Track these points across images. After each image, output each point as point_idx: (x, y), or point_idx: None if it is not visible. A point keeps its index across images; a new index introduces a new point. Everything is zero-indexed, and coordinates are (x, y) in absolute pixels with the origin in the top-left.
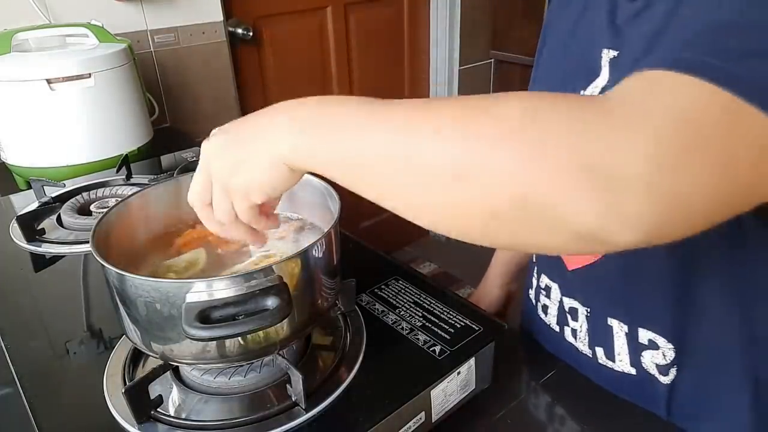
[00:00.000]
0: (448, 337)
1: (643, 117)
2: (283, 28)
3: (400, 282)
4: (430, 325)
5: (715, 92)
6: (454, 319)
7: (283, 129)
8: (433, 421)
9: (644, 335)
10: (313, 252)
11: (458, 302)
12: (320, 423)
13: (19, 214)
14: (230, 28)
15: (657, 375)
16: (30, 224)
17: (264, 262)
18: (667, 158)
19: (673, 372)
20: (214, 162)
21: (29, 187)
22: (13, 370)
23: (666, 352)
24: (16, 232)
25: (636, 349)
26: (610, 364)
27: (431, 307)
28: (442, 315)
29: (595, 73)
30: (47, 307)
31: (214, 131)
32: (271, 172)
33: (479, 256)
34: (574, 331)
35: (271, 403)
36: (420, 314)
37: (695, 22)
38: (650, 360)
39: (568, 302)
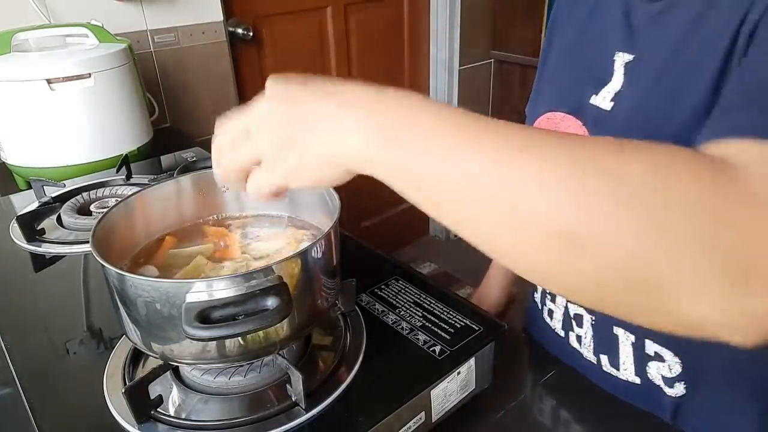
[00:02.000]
0: (448, 337)
1: None
2: (283, 28)
3: (400, 282)
4: (430, 325)
5: None
6: (454, 319)
7: (353, 127)
8: (433, 421)
9: (651, 347)
10: (313, 252)
11: (458, 302)
12: (320, 423)
13: (19, 214)
14: (230, 28)
15: (663, 386)
16: (30, 224)
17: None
18: None
19: (679, 387)
20: (264, 128)
21: (29, 187)
22: (13, 370)
23: (672, 365)
24: (16, 232)
25: (642, 359)
26: (614, 372)
27: (431, 307)
28: (442, 315)
29: (607, 78)
30: (47, 307)
31: (273, 82)
32: (324, 168)
33: (479, 257)
34: (579, 338)
35: (271, 403)
36: (420, 314)
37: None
38: (656, 371)
39: (573, 309)
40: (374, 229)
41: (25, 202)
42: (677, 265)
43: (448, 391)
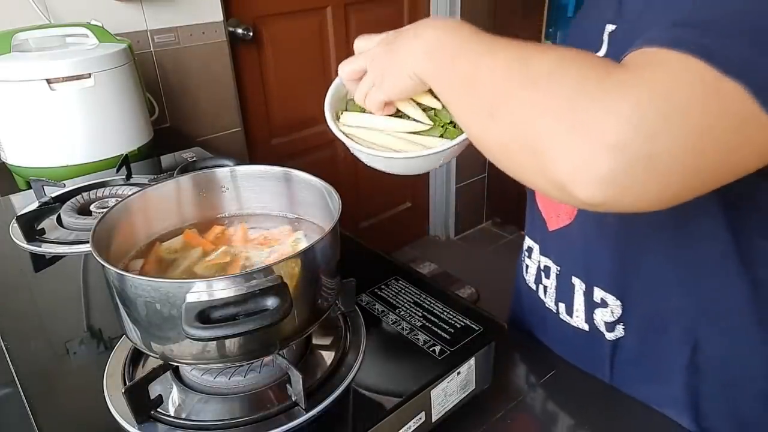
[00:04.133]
0: (448, 337)
1: (634, 86)
2: (283, 28)
3: (400, 282)
4: (430, 325)
5: (702, 68)
6: (454, 319)
7: (419, 56)
8: (433, 421)
9: (598, 294)
10: (313, 252)
11: (458, 302)
12: (320, 423)
13: (19, 214)
14: (230, 28)
15: (604, 332)
16: (30, 224)
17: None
18: (645, 124)
19: (618, 329)
20: (374, 63)
21: (29, 187)
22: (13, 370)
23: (614, 309)
24: (16, 232)
25: (590, 306)
26: (568, 319)
27: (431, 307)
28: (442, 315)
29: (597, 48)
30: (47, 307)
31: (380, 38)
32: (408, 82)
33: (479, 256)
34: (545, 289)
35: (271, 403)
36: (420, 314)
37: (684, 2)
38: (600, 318)
39: (544, 261)
40: (374, 229)
41: (25, 202)
42: (552, 134)
43: (448, 391)
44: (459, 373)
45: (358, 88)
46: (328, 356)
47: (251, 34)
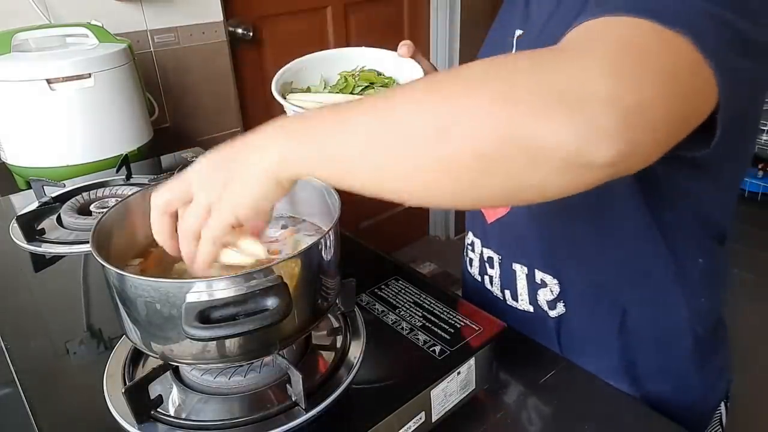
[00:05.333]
0: (448, 337)
1: (591, 47)
2: (283, 28)
3: (400, 282)
4: (430, 325)
5: (650, 25)
6: (454, 319)
7: (271, 140)
8: (433, 421)
9: (538, 276)
10: (313, 252)
11: (458, 302)
12: (320, 423)
13: (19, 214)
14: (230, 28)
15: (547, 310)
16: (30, 224)
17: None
18: (622, 71)
19: (560, 306)
20: (203, 179)
21: (29, 187)
22: (13, 370)
23: (553, 288)
24: (16, 232)
25: (533, 288)
26: (514, 304)
27: (431, 307)
28: (442, 315)
29: (507, 53)
30: (47, 307)
31: (199, 158)
32: (261, 184)
33: None
34: (490, 278)
35: (271, 403)
36: (420, 314)
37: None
38: (543, 298)
39: (487, 252)
40: (374, 229)
41: (25, 202)
42: (534, 115)
43: (448, 391)
44: (459, 373)
45: (185, 221)
46: (328, 356)
47: (251, 34)
